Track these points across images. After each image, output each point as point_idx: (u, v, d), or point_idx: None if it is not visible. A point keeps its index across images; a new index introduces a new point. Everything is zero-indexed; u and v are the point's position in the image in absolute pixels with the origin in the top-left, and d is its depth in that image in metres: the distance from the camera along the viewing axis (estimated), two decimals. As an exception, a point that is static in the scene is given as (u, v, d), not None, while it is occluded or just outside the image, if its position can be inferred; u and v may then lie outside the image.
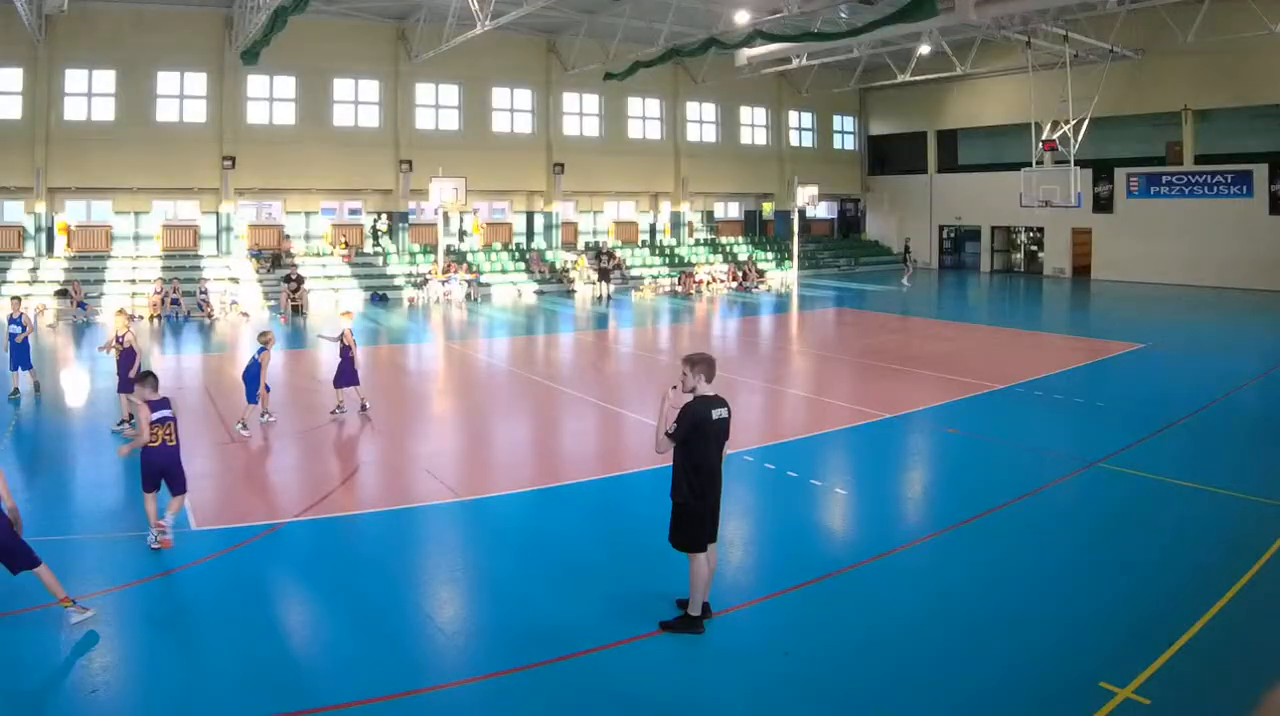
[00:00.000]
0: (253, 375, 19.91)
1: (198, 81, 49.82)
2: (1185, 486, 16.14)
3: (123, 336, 20.02)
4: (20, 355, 22.90)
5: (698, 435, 10.20)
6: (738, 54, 56.17)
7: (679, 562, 10.82)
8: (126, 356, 19.82)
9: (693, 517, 10.34)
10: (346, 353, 21.34)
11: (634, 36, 51.23)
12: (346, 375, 21.54)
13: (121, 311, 21.50)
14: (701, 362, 10.36)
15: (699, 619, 10.52)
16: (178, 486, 13.19)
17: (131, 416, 18.40)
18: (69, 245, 49.04)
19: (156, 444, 12.87)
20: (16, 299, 24.05)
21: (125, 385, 19.47)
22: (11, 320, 22.95)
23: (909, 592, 11.94)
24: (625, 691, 9.43)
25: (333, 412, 21.48)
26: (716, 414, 10.26)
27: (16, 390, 22.89)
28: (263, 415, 20.85)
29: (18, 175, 46.15)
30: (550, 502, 15.81)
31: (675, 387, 10.49)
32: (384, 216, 54.94)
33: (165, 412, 12.96)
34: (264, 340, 20.13)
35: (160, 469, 12.93)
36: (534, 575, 12.48)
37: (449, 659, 10.31)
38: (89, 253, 48.90)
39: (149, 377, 13.24)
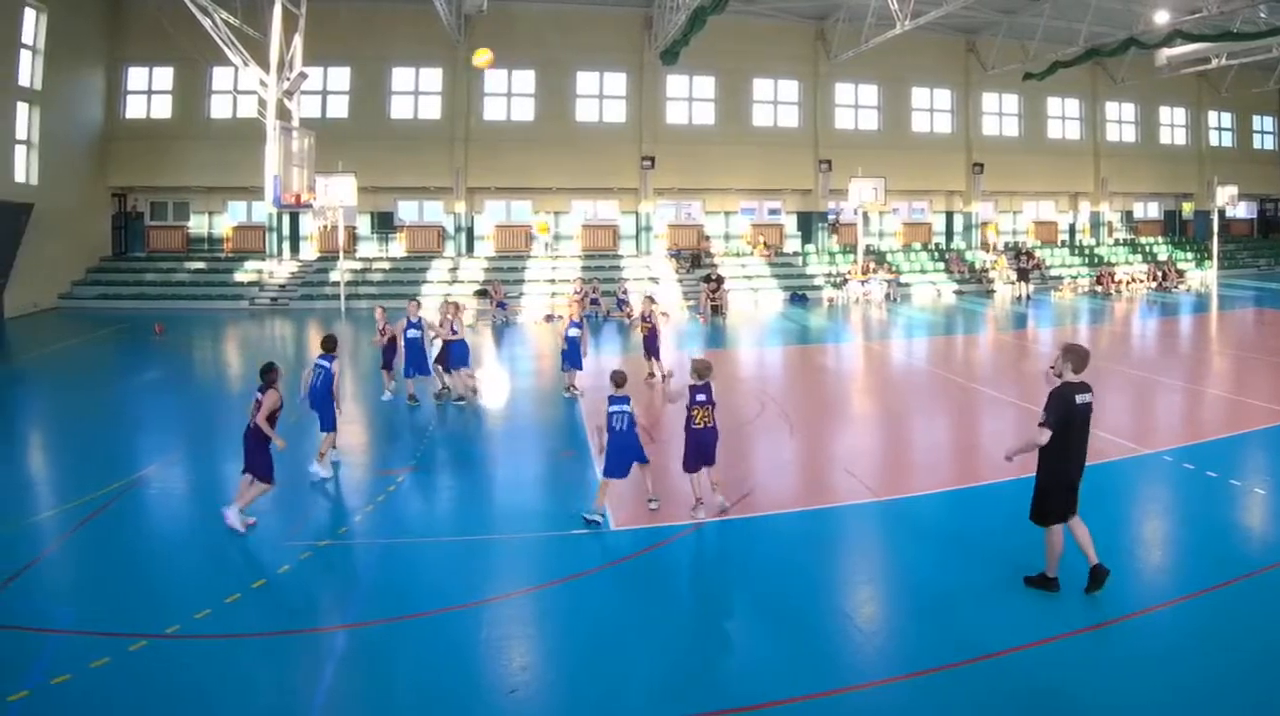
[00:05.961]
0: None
1: (617, 81, 52.26)
2: None
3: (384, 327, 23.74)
4: (415, 358, 23.13)
5: (1065, 418, 10.84)
6: (1157, 54, 54.61)
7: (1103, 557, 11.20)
8: (391, 345, 23.50)
9: (1050, 494, 11.08)
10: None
11: (1053, 36, 50.29)
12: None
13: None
14: (1073, 353, 11.27)
15: (1055, 579, 11.26)
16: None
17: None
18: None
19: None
20: (415, 302, 24.15)
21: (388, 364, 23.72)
22: (410, 324, 23.25)
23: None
24: (1044, 692, 9.32)
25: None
26: (1081, 398, 11.02)
27: (444, 389, 23.58)
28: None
29: (437, 175, 49.98)
30: (970, 502, 15.50)
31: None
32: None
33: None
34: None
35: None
36: (953, 575, 12.18)
37: (867, 659, 10.11)
38: (508, 253, 52.16)
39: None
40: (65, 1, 42.23)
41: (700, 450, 14.37)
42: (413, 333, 22.70)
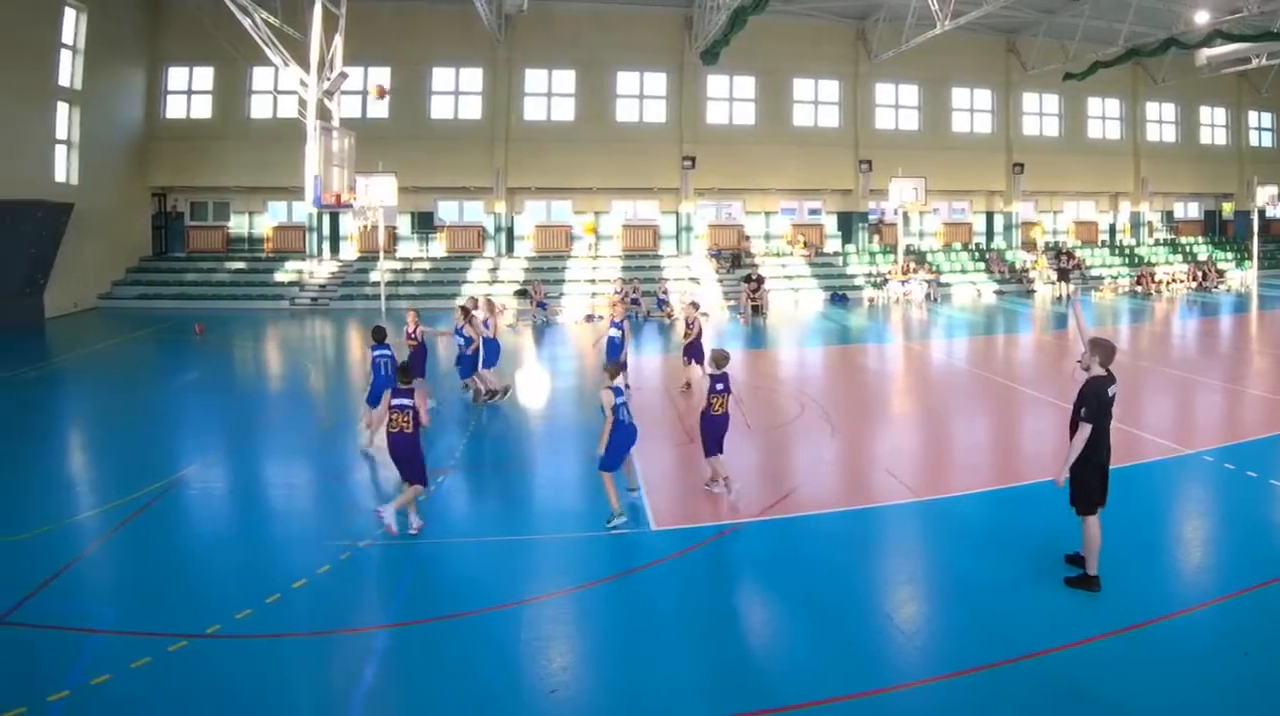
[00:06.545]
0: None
1: (657, 81, 52.42)
2: None
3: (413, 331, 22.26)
4: (467, 366, 23.46)
5: (1099, 409, 11.36)
6: (1197, 54, 54.10)
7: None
8: (418, 351, 22.25)
9: (1088, 480, 11.41)
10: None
11: (1093, 36, 50.18)
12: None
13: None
14: (1100, 347, 11.67)
15: (1096, 577, 11.38)
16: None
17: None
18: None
19: None
20: (464, 310, 24.11)
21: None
22: (456, 331, 23.45)
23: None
24: (1084, 692, 9.28)
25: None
26: (1111, 391, 11.53)
27: (477, 392, 23.59)
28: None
29: (477, 175, 50.22)
30: (1010, 502, 15.45)
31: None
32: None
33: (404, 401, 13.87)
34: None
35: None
36: (993, 575, 12.16)
37: (908, 659, 10.14)
38: (548, 253, 52.34)
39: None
40: (105, 1, 42.65)
41: (719, 435, 15.16)
42: (460, 337, 22.93)
